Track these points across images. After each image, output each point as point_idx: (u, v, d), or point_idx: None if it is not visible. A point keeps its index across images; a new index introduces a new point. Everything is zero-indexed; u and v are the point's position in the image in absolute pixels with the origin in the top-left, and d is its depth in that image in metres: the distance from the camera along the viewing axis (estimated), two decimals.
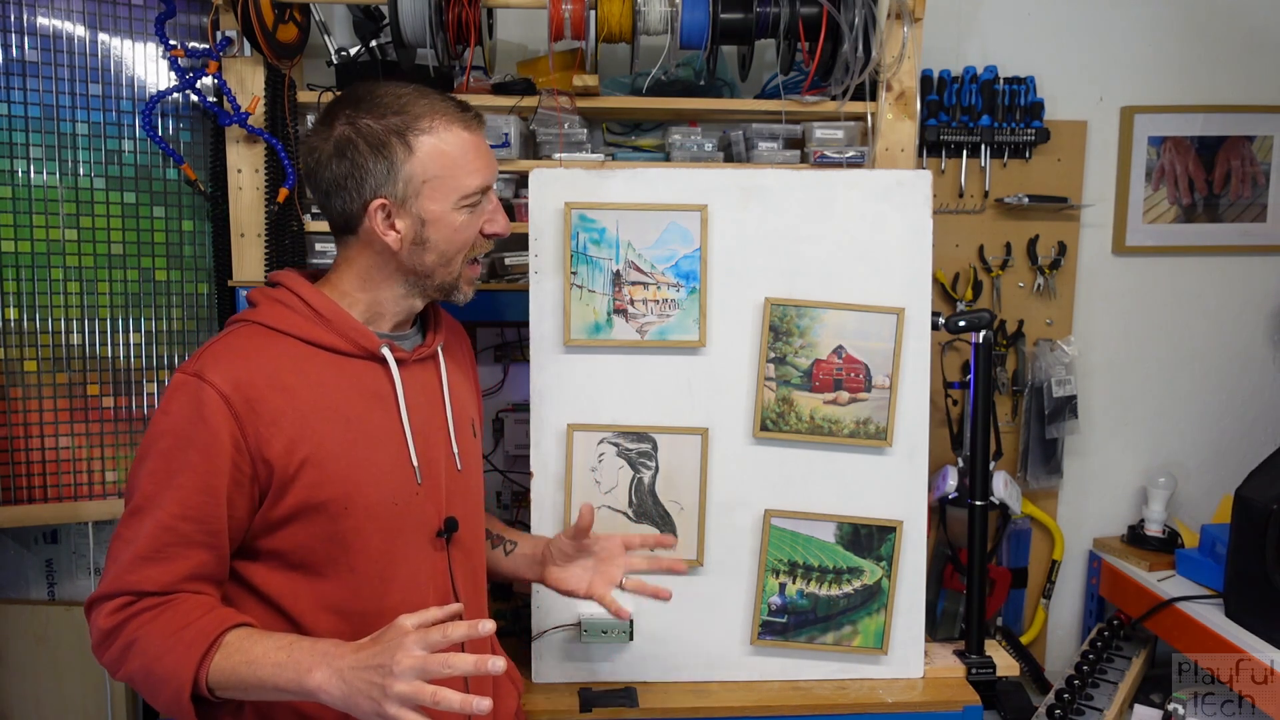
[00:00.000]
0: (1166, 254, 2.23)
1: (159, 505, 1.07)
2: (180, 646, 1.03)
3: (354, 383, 1.19)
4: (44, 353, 1.79)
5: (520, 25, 2.02)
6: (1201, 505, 2.27)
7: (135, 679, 1.06)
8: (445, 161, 1.18)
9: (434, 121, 1.17)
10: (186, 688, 1.02)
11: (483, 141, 1.23)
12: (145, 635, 1.05)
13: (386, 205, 1.17)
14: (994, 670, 1.67)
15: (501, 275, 1.91)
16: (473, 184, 1.20)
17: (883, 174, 1.62)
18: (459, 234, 1.21)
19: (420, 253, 1.20)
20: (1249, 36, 2.18)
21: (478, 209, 1.22)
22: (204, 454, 1.08)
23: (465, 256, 1.24)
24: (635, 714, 1.55)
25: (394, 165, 1.16)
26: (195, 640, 1.03)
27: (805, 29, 1.74)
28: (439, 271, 1.22)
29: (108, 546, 1.11)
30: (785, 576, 1.60)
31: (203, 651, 1.03)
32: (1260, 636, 1.77)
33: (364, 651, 0.99)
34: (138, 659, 1.05)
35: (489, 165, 1.23)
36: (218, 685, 1.03)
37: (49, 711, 2.01)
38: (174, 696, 1.03)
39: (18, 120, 1.73)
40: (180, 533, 1.07)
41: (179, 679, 1.02)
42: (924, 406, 1.61)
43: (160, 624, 1.05)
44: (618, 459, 1.58)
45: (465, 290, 1.26)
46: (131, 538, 1.07)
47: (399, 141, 1.16)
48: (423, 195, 1.18)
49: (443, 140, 1.18)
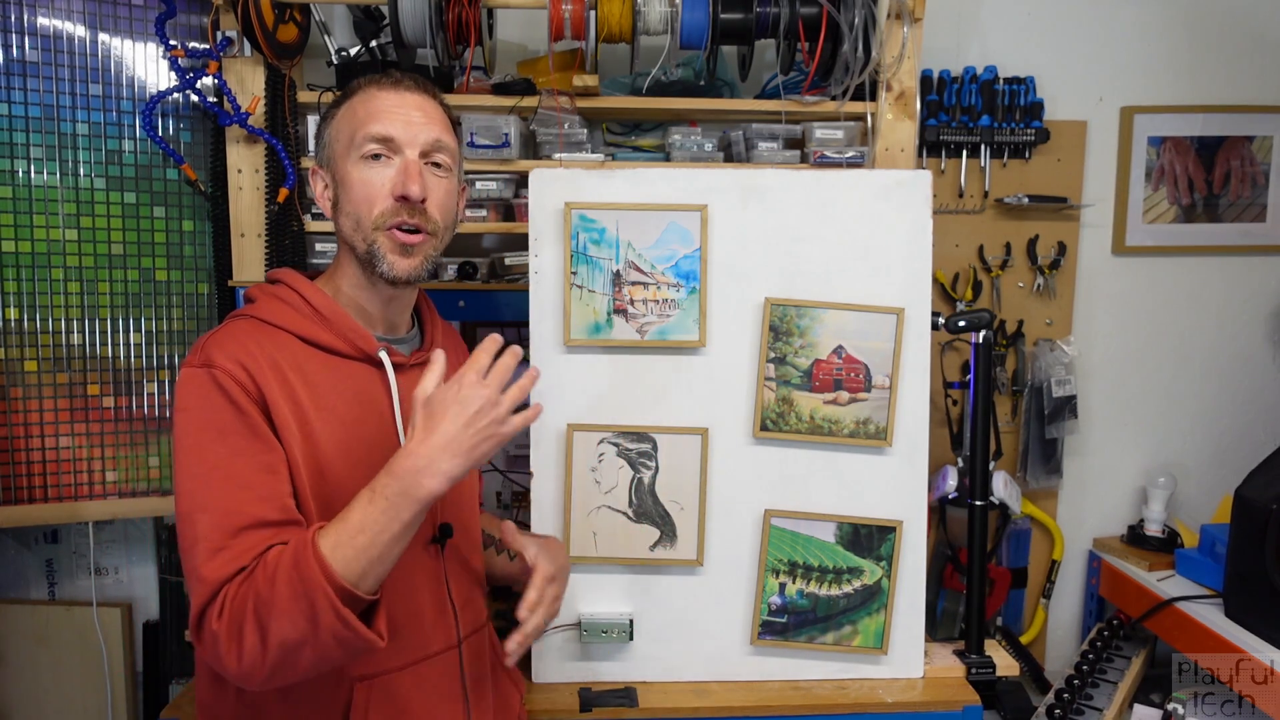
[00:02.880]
0: (1166, 254, 2.23)
1: (217, 498, 1.03)
2: (289, 574, 0.97)
3: (350, 385, 1.18)
4: (44, 353, 1.79)
5: (520, 25, 2.03)
6: (1201, 505, 2.27)
7: (288, 643, 0.97)
8: (350, 116, 1.19)
9: (358, 87, 1.21)
10: (334, 597, 0.95)
11: (399, 99, 1.18)
12: (256, 595, 0.97)
13: (317, 171, 1.24)
14: (994, 670, 1.67)
15: (501, 275, 1.91)
16: (371, 131, 1.16)
17: (883, 174, 1.62)
18: (360, 189, 1.16)
19: (340, 217, 1.20)
20: (1249, 36, 2.19)
21: (382, 166, 1.17)
22: (248, 435, 1.06)
23: (375, 220, 1.16)
24: (635, 714, 1.54)
25: (323, 133, 1.23)
26: (298, 559, 0.97)
27: (805, 29, 1.74)
28: (355, 239, 1.18)
29: (185, 571, 1.04)
30: (785, 576, 1.60)
31: (311, 558, 0.96)
32: (1260, 636, 1.77)
33: (445, 423, 1.00)
34: (274, 620, 0.96)
35: (397, 118, 1.17)
36: (356, 575, 0.98)
37: (49, 711, 2.01)
38: (331, 619, 0.95)
39: (18, 120, 1.74)
40: (253, 516, 1.03)
41: (321, 595, 0.95)
42: (924, 406, 1.61)
43: (259, 579, 0.98)
44: (618, 459, 1.58)
45: (390, 260, 1.17)
46: (195, 539, 1.02)
47: (332, 110, 1.23)
48: (335, 155, 1.20)
49: (355, 100, 1.20)
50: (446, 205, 1.22)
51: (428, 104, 1.21)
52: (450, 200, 1.24)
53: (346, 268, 1.22)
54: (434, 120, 1.20)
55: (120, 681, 2.01)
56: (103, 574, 2.07)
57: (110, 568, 2.08)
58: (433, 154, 1.20)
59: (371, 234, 1.17)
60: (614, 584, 1.60)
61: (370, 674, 1.17)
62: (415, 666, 1.21)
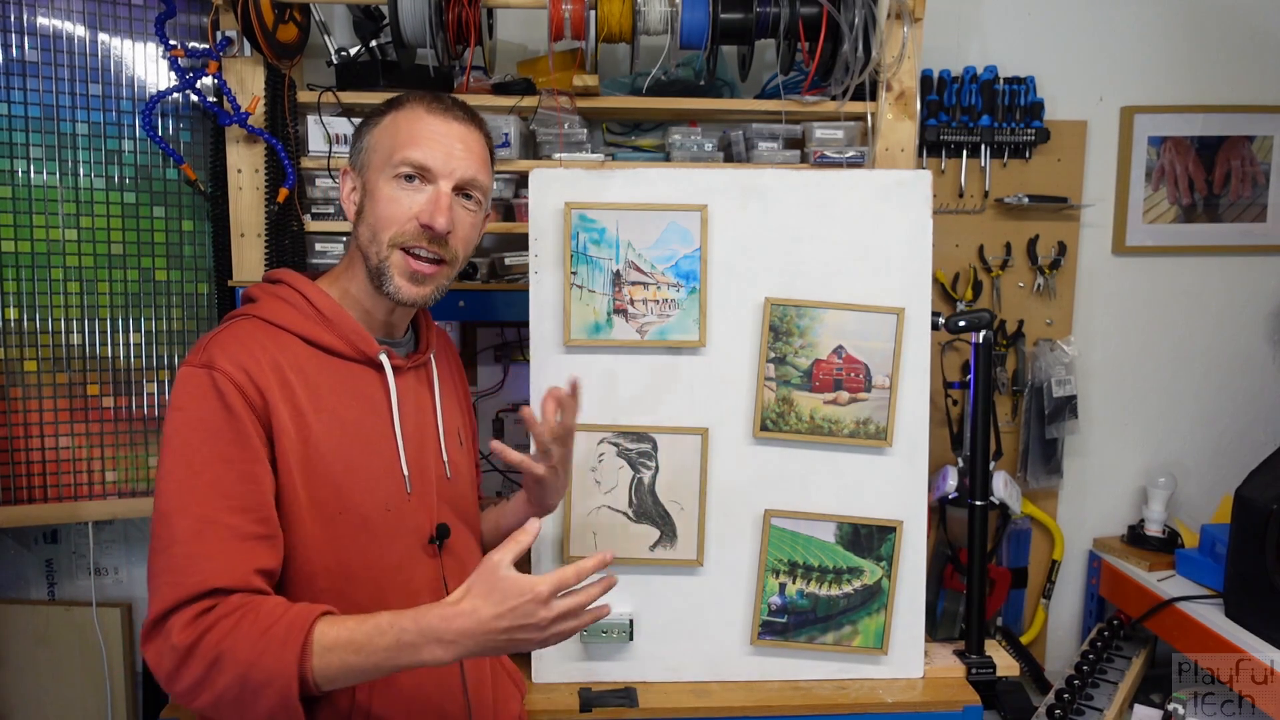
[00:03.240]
0: (1166, 254, 2.23)
1: (198, 502, 1.03)
2: (274, 646, 0.97)
3: (349, 386, 1.19)
4: (44, 353, 1.79)
5: (520, 25, 2.02)
6: (1201, 505, 2.27)
7: (225, 697, 0.97)
8: (393, 131, 1.19)
9: (406, 101, 1.21)
10: (293, 686, 0.96)
11: (445, 128, 1.19)
12: (231, 647, 0.97)
13: (348, 172, 1.24)
14: (994, 670, 1.66)
15: (501, 275, 1.91)
16: (409, 156, 1.16)
17: (883, 174, 1.62)
18: (386, 207, 1.17)
19: (360, 225, 1.21)
20: (1249, 36, 2.18)
21: (414, 190, 1.17)
22: (238, 443, 1.06)
23: (393, 238, 1.16)
24: (635, 714, 1.54)
25: (361, 137, 1.23)
26: (289, 637, 0.97)
27: (805, 29, 1.74)
28: (370, 250, 1.18)
29: (149, 570, 1.05)
30: (785, 576, 1.60)
31: (299, 645, 0.97)
32: (1260, 636, 1.77)
33: (492, 618, 0.97)
34: (230, 671, 0.96)
35: (439, 148, 1.17)
36: (325, 679, 0.98)
37: (49, 711, 2.01)
38: (279, 700, 0.96)
39: (18, 120, 1.73)
40: (230, 526, 1.03)
41: (283, 678, 0.96)
42: (924, 406, 1.61)
43: (245, 629, 0.98)
44: (618, 459, 1.58)
45: (397, 282, 1.17)
46: (170, 539, 1.03)
47: (375, 118, 1.22)
48: (370, 164, 1.21)
49: (401, 115, 1.20)
50: (469, 238, 1.24)
51: (471, 136, 1.21)
52: (474, 233, 1.25)
53: (357, 272, 1.22)
54: (474, 156, 1.21)
55: (120, 681, 2.01)
56: (102, 574, 2.07)
57: (110, 568, 2.08)
58: (466, 189, 1.20)
59: (386, 250, 1.17)
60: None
61: None
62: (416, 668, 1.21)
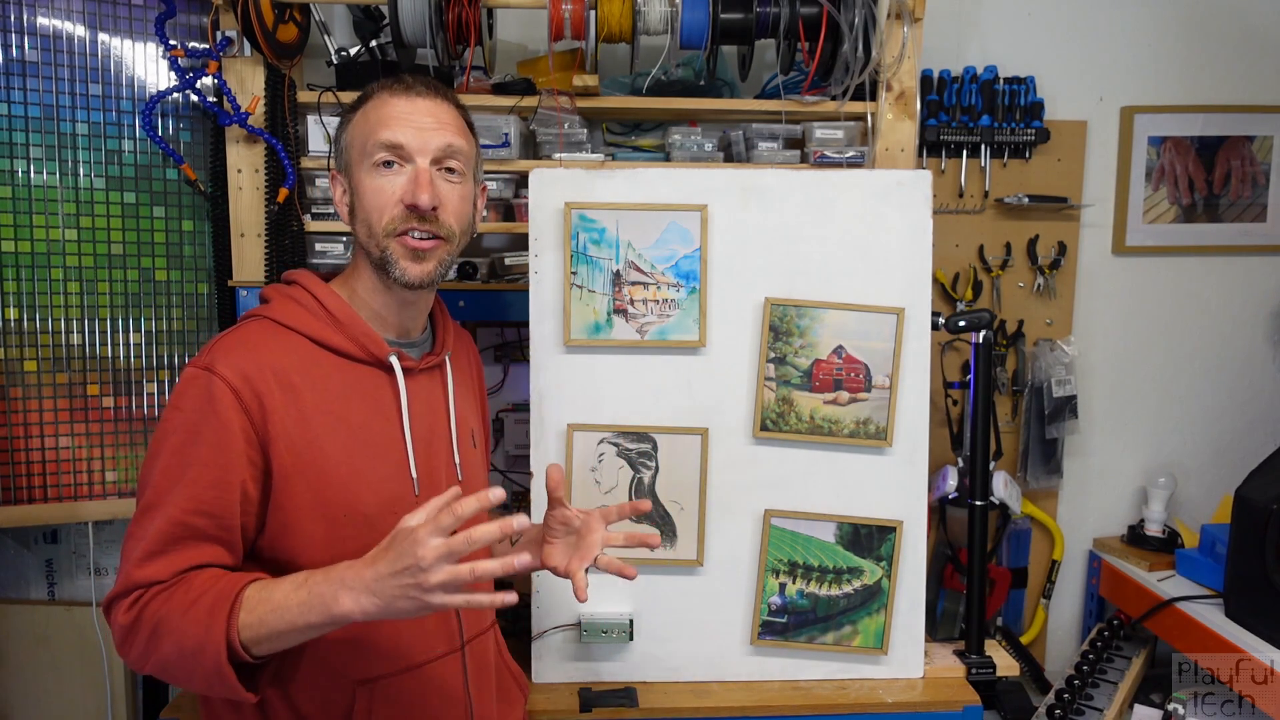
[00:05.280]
0: (1166, 254, 2.23)
1: (170, 501, 1.06)
2: (202, 613, 1.00)
3: (359, 388, 1.19)
4: (44, 353, 1.79)
5: (520, 25, 2.02)
6: (1201, 505, 2.27)
7: (169, 664, 1.03)
8: (364, 123, 1.20)
9: (372, 92, 1.21)
10: (222, 651, 0.99)
11: (411, 105, 1.18)
12: (166, 615, 1.02)
13: (336, 176, 1.24)
14: (994, 670, 1.66)
15: (501, 275, 1.91)
16: (381, 138, 1.16)
17: (883, 174, 1.62)
18: (372, 198, 1.17)
19: (356, 224, 1.21)
20: (1249, 36, 2.19)
21: (394, 174, 1.17)
22: (216, 448, 1.07)
23: (385, 227, 1.17)
24: (635, 714, 1.54)
25: (340, 138, 1.23)
26: (216, 603, 1.01)
27: (805, 29, 1.74)
28: (370, 245, 1.19)
29: (121, 546, 1.09)
30: (785, 576, 1.60)
31: (226, 611, 1.00)
32: (1260, 636, 1.77)
33: (382, 562, 0.96)
34: (166, 641, 1.02)
35: (408, 124, 1.17)
36: (250, 641, 1.00)
37: (49, 711, 2.01)
38: (213, 666, 0.99)
39: (18, 120, 1.73)
40: (192, 527, 1.06)
41: (213, 644, 0.99)
42: (924, 406, 1.61)
43: (176, 600, 1.02)
44: (618, 459, 1.58)
45: (403, 265, 1.18)
46: (142, 535, 1.06)
47: (348, 115, 1.23)
48: (351, 161, 1.21)
49: (369, 106, 1.20)
50: (461, 210, 1.22)
51: (439, 108, 1.20)
52: (465, 205, 1.23)
53: (362, 272, 1.23)
54: (446, 125, 1.20)
55: (120, 681, 2.01)
56: (102, 574, 2.07)
57: (110, 568, 2.07)
58: (445, 160, 1.19)
59: (383, 240, 1.17)
60: (614, 584, 1.59)
61: (372, 677, 1.17)
62: (418, 670, 1.21)
